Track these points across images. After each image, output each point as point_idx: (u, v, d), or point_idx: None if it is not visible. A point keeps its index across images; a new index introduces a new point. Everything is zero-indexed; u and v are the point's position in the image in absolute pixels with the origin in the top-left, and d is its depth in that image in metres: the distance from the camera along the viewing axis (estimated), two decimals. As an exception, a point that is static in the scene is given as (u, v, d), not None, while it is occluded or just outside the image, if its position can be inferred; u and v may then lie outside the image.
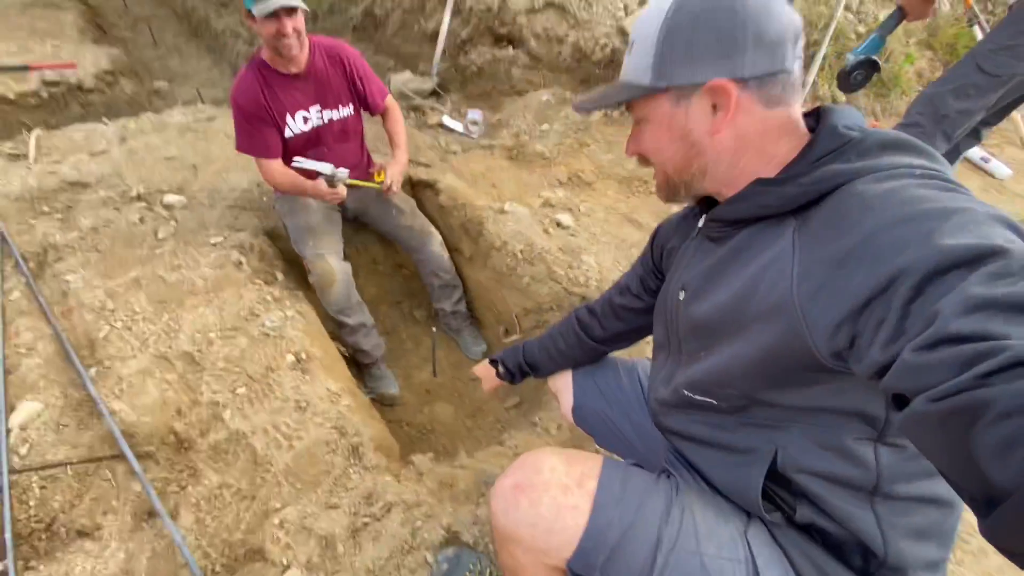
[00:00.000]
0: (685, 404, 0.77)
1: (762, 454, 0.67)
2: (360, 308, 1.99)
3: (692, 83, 0.62)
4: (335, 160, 2.00)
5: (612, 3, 3.19)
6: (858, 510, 0.63)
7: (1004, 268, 0.40)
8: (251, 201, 2.25)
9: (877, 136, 0.58)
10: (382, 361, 2.14)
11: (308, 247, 1.87)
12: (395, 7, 3.56)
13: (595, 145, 2.63)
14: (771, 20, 0.59)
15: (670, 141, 0.67)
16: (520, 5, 3.09)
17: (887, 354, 0.44)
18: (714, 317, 0.67)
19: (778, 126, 0.63)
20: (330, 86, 1.86)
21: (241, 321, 1.65)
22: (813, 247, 0.55)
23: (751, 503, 0.69)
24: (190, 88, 4.27)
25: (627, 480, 0.74)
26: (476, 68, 3.22)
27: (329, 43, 1.87)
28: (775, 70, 0.60)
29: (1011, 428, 0.33)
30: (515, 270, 1.97)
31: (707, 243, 0.73)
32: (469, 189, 2.28)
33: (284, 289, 1.89)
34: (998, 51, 1.59)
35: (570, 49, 3.11)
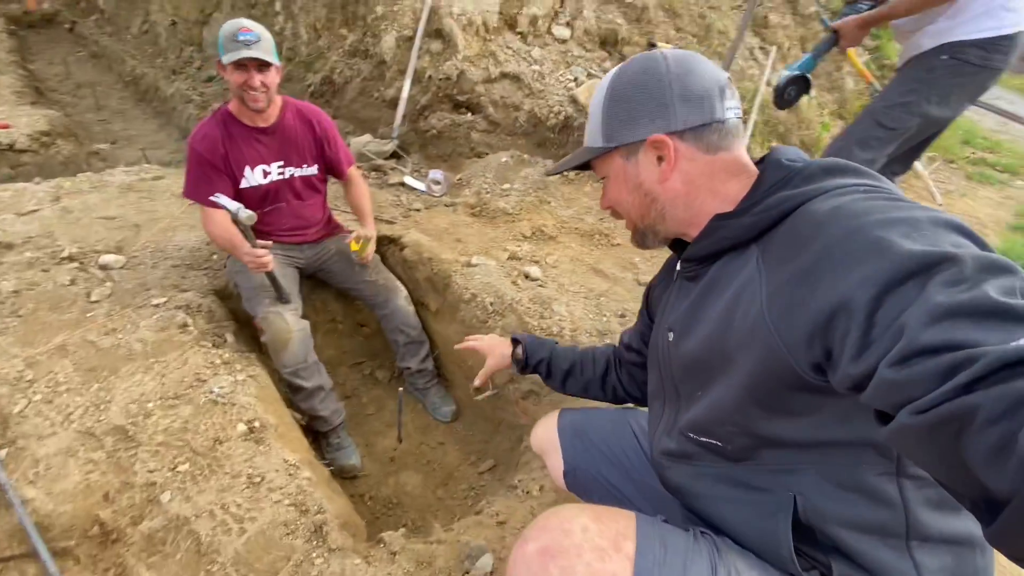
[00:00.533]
0: (691, 451, 0.73)
1: (781, 503, 0.63)
2: (318, 369, 1.85)
3: (635, 140, 0.71)
4: (293, 219, 1.94)
5: (563, 75, 3.42)
6: (895, 560, 0.59)
7: (959, 274, 0.42)
8: (200, 260, 2.12)
9: (818, 163, 0.64)
10: (342, 428, 1.97)
11: (262, 305, 1.76)
12: (354, 75, 3.66)
13: (555, 202, 2.71)
14: (693, 80, 0.67)
15: (628, 192, 0.75)
16: (477, 76, 3.25)
17: (858, 367, 0.45)
18: (702, 352, 0.67)
19: (724, 168, 0.69)
20: (296, 144, 1.84)
21: (185, 388, 1.49)
22: (777, 268, 0.58)
23: (785, 561, 0.64)
24: (134, 150, 4.13)
25: (666, 539, 0.66)
26: (436, 132, 3.30)
27: (304, 104, 1.90)
28: (706, 121, 0.67)
29: (1000, 433, 0.34)
30: (486, 323, 1.92)
31: (686, 284, 0.76)
32: (434, 244, 2.25)
33: (234, 352, 1.74)
34: (893, 107, 1.76)
35: (526, 116, 3.27)
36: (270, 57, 1.61)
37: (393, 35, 3.33)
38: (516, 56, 3.35)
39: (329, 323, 2.38)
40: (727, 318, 0.62)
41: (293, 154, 1.84)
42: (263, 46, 1.60)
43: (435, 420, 2.22)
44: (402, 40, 3.33)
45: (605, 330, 1.81)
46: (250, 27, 1.59)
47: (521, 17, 3.41)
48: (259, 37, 1.60)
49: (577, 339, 1.76)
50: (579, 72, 3.45)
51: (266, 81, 1.64)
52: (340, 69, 3.72)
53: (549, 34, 3.55)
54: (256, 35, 1.59)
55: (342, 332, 2.42)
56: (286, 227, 1.92)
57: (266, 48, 1.61)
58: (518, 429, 1.96)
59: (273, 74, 1.66)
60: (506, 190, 2.77)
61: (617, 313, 1.88)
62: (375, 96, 3.55)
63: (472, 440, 2.16)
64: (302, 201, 1.94)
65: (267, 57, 1.60)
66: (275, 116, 1.76)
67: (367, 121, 3.61)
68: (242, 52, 1.56)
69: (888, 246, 0.46)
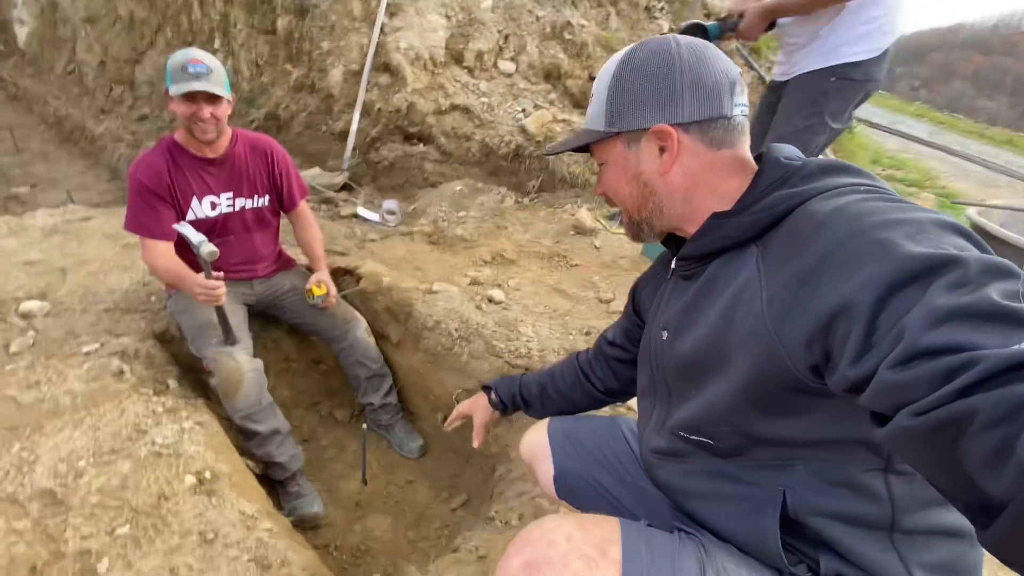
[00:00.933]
0: (682, 450, 0.73)
1: (770, 498, 0.63)
2: (273, 411, 1.73)
3: (639, 128, 0.68)
4: (243, 252, 1.84)
5: (512, 107, 3.51)
6: (881, 552, 0.60)
7: (962, 277, 0.41)
8: (136, 302, 1.96)
9: (816, 162, 0.63)
10: (301, 475, 1.84)
11: (210, 345, 1.63)
12: (300, 109, 3.61)
13: (512, 227, 2.73)
14: (705, 71, 0.65)
15: (626, 182, 0.72)
16: (428, 107, 3.28)
17: (858, 370, 0.44)
18: (698, 352, 0.66)
19: (725, 165, 0.67)
20: (247, 175, 1.77)
21: (123, 442, 1.34)
22: (777, 269, 0.57)
23: (772, 554, 0.64)
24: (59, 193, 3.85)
25: (652, 542, 0.65)
26: (388, 163, 3.29)
27: (256, 135, 1.82)
28: (713, 116, 0.65)
29: (998, 437, 0.34)
30: (451, 349, 1.87)
31: (681, 282, 0.74)
32: (393, 272, 2.20)
33: (179, 398, 1.60)
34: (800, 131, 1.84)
35: (478, 145, 3.32)
36: (221, 90, 1.55)
37: (340, 69, 3.33)
38: (465, 89, 3.42)
39: (282, 362, 2.25)
40: (725, 319, 0.61)
41: (244, 185, 1.76)
42: (214, 78, 1.54)
43: (402, 457, 2.12)
44: (349, 74, 3.33)
45: (572, 348, 1.81)
46: (200, 58, 1.52)
47: (467, 52, 3.51)
48: (209, 69, 1.53)
49: (545, 359, 1.75)
50: (526, 104, 3.55)
51: (216, 113, 1.58)
52: (285, 104, 3.67)
53: (495, 68, 3.66)
54: (206, 67, 1.52)
55: (296, 371, 2.29)
56: (235, 261, 1.82)
57: (217, 80, 1.55)
58: (490, 459, 1.90)
59: (224, 107, 1.59)
60: (462, 217, 2.77)
61: (582, 331, 1.89)
62: (323, 129, 3.51)
63: (442, 475, 2.07)
64: (252, 234, 1.85)
65: (218, 90, 1.53)
66: (225, 146, 1.69)
67: (315, 154, 3.55)
68: (192, 84, 1.49)
69: (891, 248, 0.46)
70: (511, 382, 1.14)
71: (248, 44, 4.02)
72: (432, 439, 2.16)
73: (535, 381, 1.11)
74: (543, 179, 3.24)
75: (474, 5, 3.57)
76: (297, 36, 3.57)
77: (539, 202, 3.07)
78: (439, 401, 2.03)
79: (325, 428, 2.25)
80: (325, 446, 2.17)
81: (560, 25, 3.86)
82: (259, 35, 3.90)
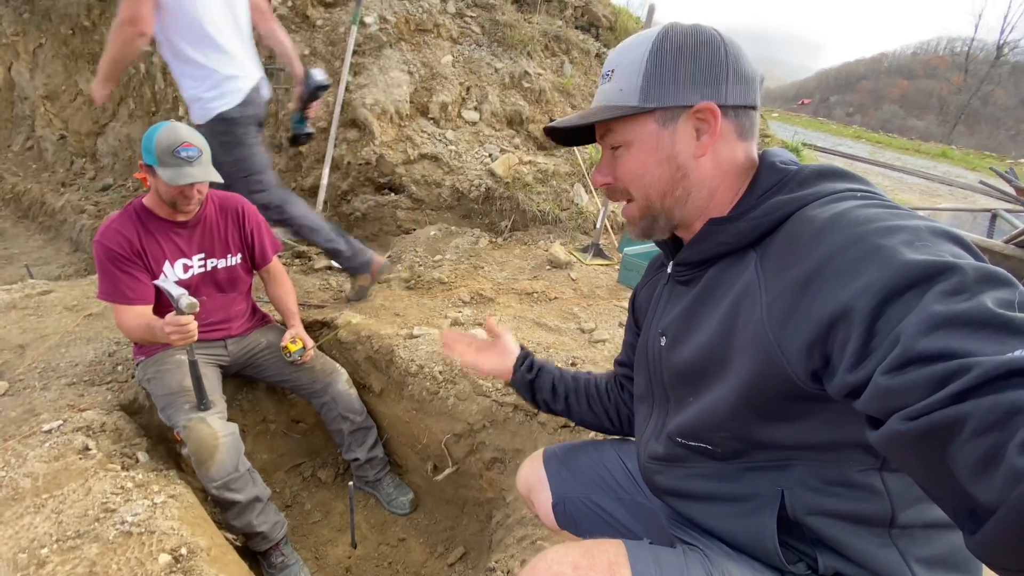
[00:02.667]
0: (680, 455, 0.72)
1: (768, 498, 0.63)
2: (252, 478, 1.63)
3: (680, 105, 0.64)
4: (216, 312, 1.80)
5: (479, 152, 3.61)
6: (880, 548, 0.59)
7: (959, 284, 0.42)
8: (101, 374, 1.87)
9: (812, 167, 0.63)
10: (284, 543, 1.73)
11: (182, 412, 1.55)
12: (269, 169, 3.62)
13: (489, 267, 2.74)
14: (744, 59, 0.65)
15: (656, 164, 0.67)
16: (397, 158, 3.35)
17: (856, 375, 0.45)
18: (698, 359, 0.66)
19: (745, 159, 0.66)
20: (218, 235, 1.75)
21: (89, 523, 1.24)
22: (776, 275, 0.56)
23: (770, 553, 0.63)
24: (16, 268, 3.71)
25: (660, 560, 0.63)
26: (360, 213, 3.30)
27: (224, 194, 1.80)
28: (749, 103, 0.65)
29: (988, 444, 0.34)
30: (437, 393, 1.83)
31: (678, 287, 0.73)
32: (371, 321, 2.16)
33: (150, 471, 1.50)
34: (239, 164, 2.02)
35: (448, 191, 3.38)
36: (214, 174, 1.55)
37: (307, 128, 3.38)
38: (432, 138, 3.51)
39: (260, 424, 2.15)
40: (725, 326, 0.61)
41: (215, 245, 1.74)
42: (204, 159, 1.53)
43: (392, 514, 2.02)
44: (317, 132, 3.39)
45: (560, 382, 1.79)
46: (190, 140, 1.49)
47: (432, 104, 3.62)
48: (200, 151, 1.51)
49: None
50: (493, 148, 3.66)
51: (202, 190, 1.59)
52: (253, 164, 3.68)
53: (460, 117, 3.78)
54: (197, 150, 1.50)
55: (276, 432, 2.19)
56: (209, 321, 1.77)
57: (207, 161, 1.54)
58: (486, 506, 1.83)
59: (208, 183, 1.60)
60: (438, 261, 2.78)
61: (568, 362, 1.88)
62: (293, 186, 3.52)
63: (436, 529, 1.97)
64: (225, 294, 1.81)
65: (212, 176, 1.54)
66: (196, 209, 1.67)
67: (286, 211, 3.54)
68: (186, 173, 1.48)
69: (890, 255, 0.46)
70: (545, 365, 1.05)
71: (213, 109, 4.06)
72: (423, 491, 2.08)
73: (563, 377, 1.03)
74: (515, 218, 3.29)
75: (435, 61, 3.72)
76: (263, 99, 3.63)
77: (513, 240, 3.11)
78: (427, 450, 1.96)
79: (309, 491, 2.13)
80: (310, 510, 2.05)
81: (518, 75, 4.04)
82: (224, 100, 3.95)
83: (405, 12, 3.70)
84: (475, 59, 3.91)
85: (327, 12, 3.53)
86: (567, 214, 3.33)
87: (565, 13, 4.74)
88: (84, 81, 5.62)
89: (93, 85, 1.90)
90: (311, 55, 3.43)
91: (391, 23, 3.63)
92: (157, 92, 4.66)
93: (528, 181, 3.43)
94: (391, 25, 3.62)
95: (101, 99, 1.94)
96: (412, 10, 3.74)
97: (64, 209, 4.46)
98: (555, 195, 3.43)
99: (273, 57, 2.46)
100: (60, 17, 5.29)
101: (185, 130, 1.50)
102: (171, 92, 4.47)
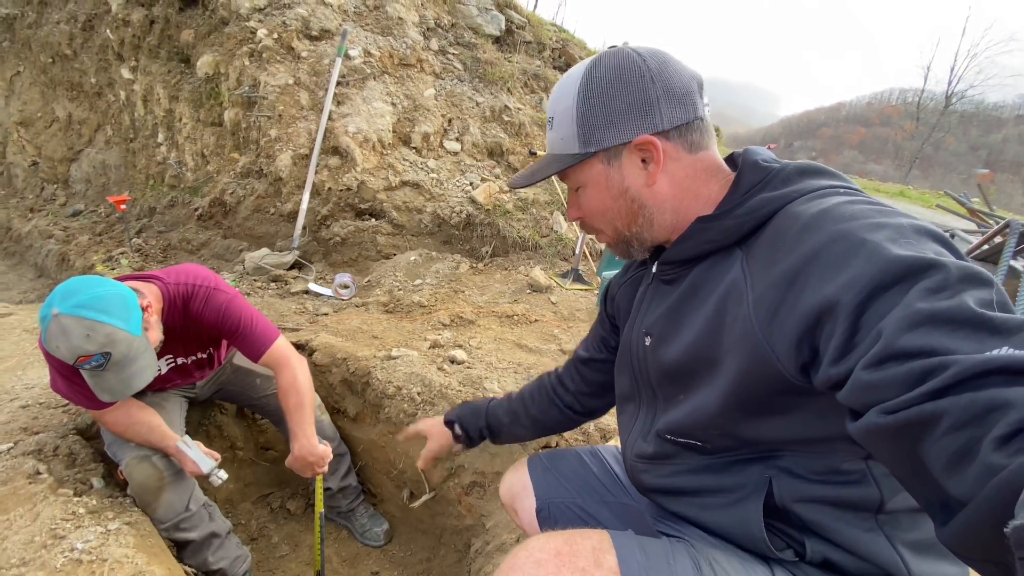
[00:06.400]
0: (669, 452, 0.71)
1: (756, 486, 0.63)
2: (208, 513, 1.50)
3: (618, 143, 0.65)
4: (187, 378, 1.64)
5: (460, 180, 3.67)
6: (866, 533, 0.59)
7: (942, 282, 0.42)
8: (58, 397, 1.77)
9: (793, 165, 0.63)
10: (248, 578, 1.62)
11: (128, 448, 1.41)
12: (248, 194, 3.60)
13: (469, 291, 2.74)
14: (673, 76, 0.63)
15: (612, 199, 0.68)
16: (378, 185, 3.37)
17: (839, 368, 0.46)
18: (686, 358, 0.65)
19: (705, 168, 0.66)
20: (182, 340, 1.50)
21: (35, 550, 1.15)
22: (763, 271, 0.56)
23: (757, 541, 0.62)
24: (-27, 294, 3.55)
25: (645, 546, 0.62)
26: (340, 239, 3.29)
27: (187, 291, 1.41)
28: (689, 119, 0.64)
29: (963, 440, 0.35)
30: (415, 415, 1.78)
31: (662, 286, 0.73)
32: (348, 343, 2.12)
33: (105, 498, 1.41)
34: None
35: (429, 217, 3.41)
36: (139, 376, 1.20)
37: (289, 154, 3.40)
38: (414, 166, 3.56)
39: (227, 451, 2.05)
40: (713, 324, 0.61)
41: (179, 347, 1.52)
42: (117, 358, 1.15)
43: (365, 546, 1.92)
44: (298, 158, 3.41)
45: (540, 402, 1.76)
46: (86, 350, 1.11)
47: (414, 134, 3.69)
48: (105, 355, 1.14)
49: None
50: (474, 177, 3.73)
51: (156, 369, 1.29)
52: (232, 190, 3.66)
53: (441, 147, 3.86)
54: (99, 357, 1.13)
55: (243, 460, 2.09)
56: (177, 382, 1.65)
57: (121, 356, 1.16)
58: (464, 534, 1.75)
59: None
60: (418, 285, 2.76)
61: (549, 383, 1.86)
62: (271, 212, 3.50)
63: (412, 561, 1.88)
64: (194, 372, 1.65)
65: (137, 382, 1.20)
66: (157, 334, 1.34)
67: (263, 236, 3.51)
68: (104, 385, 1.17)
69: (875, 250, 0.46)
70: (475, 413, 1.08)
71: (193, 136, 4.06)
72: (398, 521, 1.99)
73: (504, 409, 1.06)
74: (495, 244, 3.32)
75: (417, 94, 3.82)
76: (244, 126, 3.66)
77: (493, 266, 3.12)
78: (403, 476, 1.89)
79: (277, 523, 2.02)
80: (277, 543, 1.94)
81: (499, 109, 4.17)
82: (205, 127, 3.96)
83: (389, 47, 3.82)
84: (457, 93, 4.03)
85: (312, 44, 3.62)
86: (547, 241, 3.37)
87: (543, 54, 4.96)
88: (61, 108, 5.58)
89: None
90: (295, 84, 3.49)
91: (375, 56, 3.73)
92: (136, 120, 4.65)
93: (508, 209, 3.49)
94: (375, 59, 3.73)
95: None
96: (396, 45, 3.86)
97: (31, 235, 4.33)
98: (535, 222, 3.48)
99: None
100: (41, 45, 5.29)
101: (73, 333, 1.10)
102: (150, 120, 4.47)
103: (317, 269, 3.13)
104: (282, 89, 3.46)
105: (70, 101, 5.50)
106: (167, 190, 4.18)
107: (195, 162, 4.10)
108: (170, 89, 4.15)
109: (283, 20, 3.58)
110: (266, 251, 3.18)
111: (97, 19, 4.80)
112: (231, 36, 3.64)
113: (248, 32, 3.56)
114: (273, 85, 3.46)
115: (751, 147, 0.69)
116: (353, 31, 3.72)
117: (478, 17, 4.51)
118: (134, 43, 4.41)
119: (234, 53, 3.62)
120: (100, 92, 5.06)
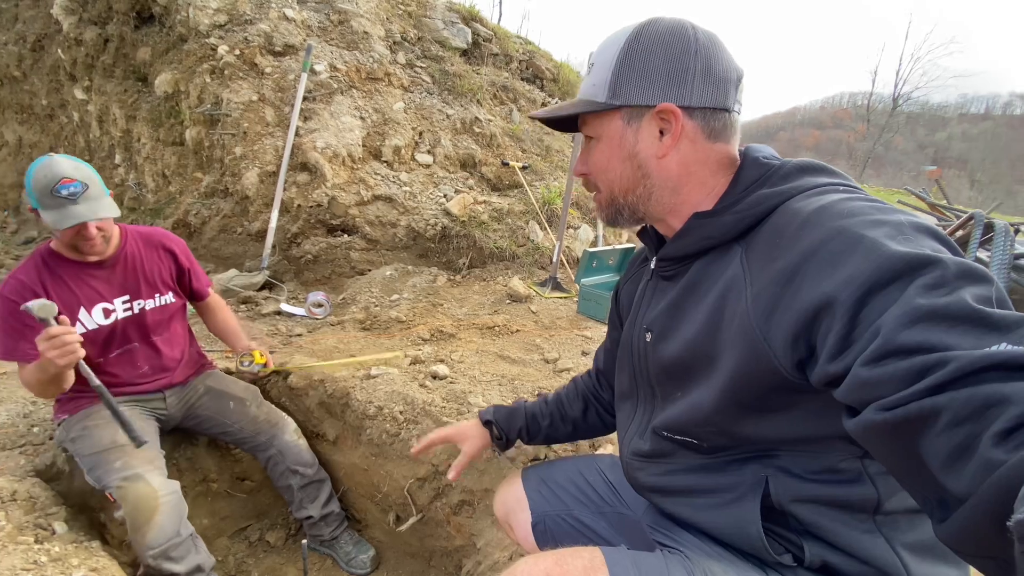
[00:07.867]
0: (665, 450, 0.70)
1: (752, 485, 0.62)
2: (195, 544, 1.44)
3: (643, 104, 0.64)
4: (149, 360, 1.64)
5: (433, 193, 3.64)
6: (865, 535, 0.59)
7: (940, 279, 0.43)
8: (13, 437, 1.66)
9: (793, 162, 0.64)
10: (228, 618, 1.53)
11: (113, 471, 1.37)
12: (213, 214, 3.49)
13: (448, 304, 2.70)
14: (718, 59, 0.63)
15: (620, 160, 0.67)
16: (350, 200, 3.31)
17: (837, 365, 0.45)
18: (685, 354, 0.65)
19: (718, 160, 0.66)
20: (143, 274, 1.58)
21: (-13, 609, 1.06)
22: (761, 267, 0.56)
23: (754, 542, 0.62)
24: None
25: (638, 561, 0.61)
26: (312, 256, 3.21)
27: (147, 230, 1.65)
28: (719, 106, 0.63)
29: (961, 436, 0.35)
30: (398, 435, 1.73)
31: (662, 283, 0.73)
32: (324, 364, 2.05)
33: (68, 543, 1.32)
34: None
35: (404, 231, 3.36)
36: (106, 209, 1.36)
37: (255, 172, 3.31)
38: (386, 180, 3.52)
39: (200, 484, 1.95)
40: (712, 320, 0.60)
41: (141, 285, 1.58)
42: (92, 193, 1.34)
43: (352, 575, 1.84)
44: (265, 175, 3.32)
45: (526, 414, 1.74)
46: (69, 175, 1.30)
47: (385, 148, 3.65)
48: (85, 184, 1.32)
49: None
50: (447, 189, 3.70)
51: (103, 226, 1.41)
52: (196, 210, 3.54)
53: (413, 160, 3.83)
54: (80, 184, 1.31)
55: (218, 492, 1.99)
56: (142, 371, 1.61)
57: (96, 194, 1.35)
58: (454, 555, 1.70)
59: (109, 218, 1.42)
60: (395, 300, 2.71)
61: (534, 393, 1.83)
62: (239, 231, 3.39)
63: (400, 586, 1.81)
64: (157, 336, 1.65)
65: (104, 212, 1.35)
66: (113, 247, 1.51)
67: (231, 257, 3.40)
68: (71, 213, 1.30)
69: (874, 247, 0.46)
70: (513, 414, 1.06)
71: (153, 157, 3.92)
72: (385, 546, 1.92)
73: (543, 412, 1.05)
74: (472, 256, 3.30)
75: (387, 107, 3.79)
76: (207, 145, 3.55)
77: (471, 277, 3.09)
78: (388, 499, 1.83)
79: (256, 557, 1.93)
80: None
81: (469, 121, 4.17)
82: (165, 147, 3.83)
83: (356, 61, 3.78)
84: (427, 106, 4.02)
85: (276, 60, 3.55)
86: (524, 250, 3.37)
87: (511, 66, 5.00)
88: (10, 132, 5.33)
89: None
90: (260, 101, 3.41)
91: (342, 71, 3.69)
92: (92, 141, 4.47)
93: (484, 219, 3.47)
94: (342, 73, 3.68)
95: None
96: (363, 59, 3.83)
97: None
98: (511, 232, 3.47)
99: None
100: (-14, 67, 5.05)
101: (64, 164, 1.31)
102: (107, 140, 4.30)
103: (289, 288, 3.04)
104: (246, 106, 3.37)
105: (20, 124, 5.26)
106: (127, 212, 4.02)
107: (156, 183, 3.96)
108: (127, 109, 4.00)
109: (245, 36, 3.51)
110: (235, 272, 3.07)
111: (47, 39, 4.62)
112: (191, 53, 3.54)
113: (208, 49, 3.47)
114: (236, 102, 3.37)
115: (752, 144, 0.69)
116: (318, 46, 3.68)
117: (444, 31, 4.52)
118: (87, 62, 4.25)
119: (194, 71, 3.52)
120: (52, 114, 4.85)
